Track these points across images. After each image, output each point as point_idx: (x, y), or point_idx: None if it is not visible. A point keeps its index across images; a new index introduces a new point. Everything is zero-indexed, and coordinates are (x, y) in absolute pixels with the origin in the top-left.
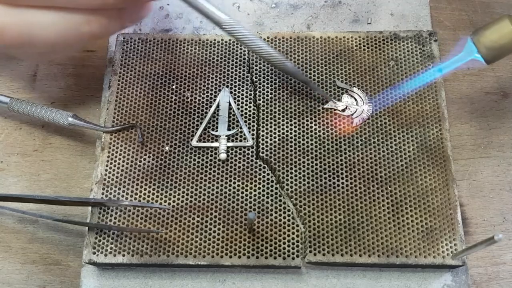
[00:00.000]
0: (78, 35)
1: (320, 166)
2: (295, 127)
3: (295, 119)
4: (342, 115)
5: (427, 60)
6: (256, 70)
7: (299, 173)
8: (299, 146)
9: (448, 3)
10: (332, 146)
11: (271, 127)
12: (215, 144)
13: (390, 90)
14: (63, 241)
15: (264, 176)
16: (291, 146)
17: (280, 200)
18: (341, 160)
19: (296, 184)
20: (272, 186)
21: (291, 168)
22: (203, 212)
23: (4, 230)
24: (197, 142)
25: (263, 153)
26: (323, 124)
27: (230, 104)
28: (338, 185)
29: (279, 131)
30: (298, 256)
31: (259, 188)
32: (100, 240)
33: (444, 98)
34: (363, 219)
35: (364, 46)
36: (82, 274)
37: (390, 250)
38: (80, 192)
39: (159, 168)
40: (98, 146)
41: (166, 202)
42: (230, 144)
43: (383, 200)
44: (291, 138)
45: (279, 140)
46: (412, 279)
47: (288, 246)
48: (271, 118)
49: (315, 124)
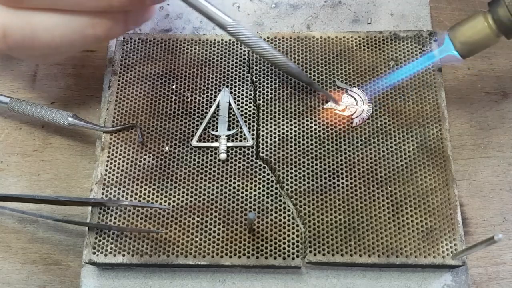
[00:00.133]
0: (83, 37)
1: (320, 166)
2: (295, 127)
3: (295, 119)
4: (342, 115)
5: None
6: (256, 70)
7: (299, 173)
8: (299, 146)
9: (448, 3)
10: (332, 146)
11: (271, 127)
12: (215, 144)
13: (377, 80)
14: (63, 241)
15: (264, 176)
16: (291, 146)
17: (280, 200)
18: (341, 160)
19: (296, 184)
20: (272, 186)
21: (291, 168)
22: (203, 212)
23: (4, 230)
24: (197, 142)
25: (263, 153)
26: (323, 124)
27: (230, 104)
28: (338, 185)
29: (279, 131)
30: (298, 256)
31: (259, 188)
32: (100, 240)
33: (444, 98)
34: (363, 219)
35: (364, 46)
36: (82, 274)
37: (390, 250)
38: (80, 192)
39: (159, 168)
40: (98, 146)
41: (166, 202)
42: (230, 144)
43: (383, 200)
44: (291, 138)
45: (279, 140)
46: (412, 279)
47: (288, 246)
48: (271, 118)
49: (315, 124)
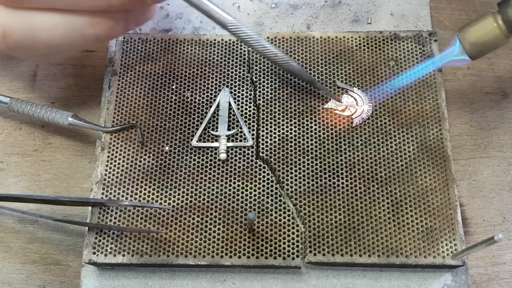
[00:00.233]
0: (83, 37)
1: (320, 166)
2: (295, 127)
3: (295, 119)
4: (342, 115)
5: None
6: (256, 70)
7: (299, 173)
8: (299, 146)
9: (448, 3)
10: (332, 146)
11: (271, 127)
12: (215, 144)
13: (383, 85)
14: (63, 241)
15: (264, 176)
16: (291, 146)
17: (280, 200)
18: (341, 160)
19: (296, 184)
20: (272, 186)
21: (291, 168)
22: (203, 212)
23: (4, 230)
24: (197, 142)
25: (263, 153)
26: (323, 124)
27: (230, 104)
28: (338, 185)
29: (279, 131)
30: (298, 256)
31: (259, 188)
32: (100, 240)
33: (444, 98)
34: (363, 219)
35: (364, 46)
36: (82, 274)
37: (390, 250)
38: (80, 192)
39: (159, 168)
40: (98, 146)
41: (166, 202)
42: (230, 144)
43: (383, 200)
44: (291, 138)
45: (279, 140)
46: (412, 279)
47: (288, 246)
48: (271, 118)
49: (315, 124)
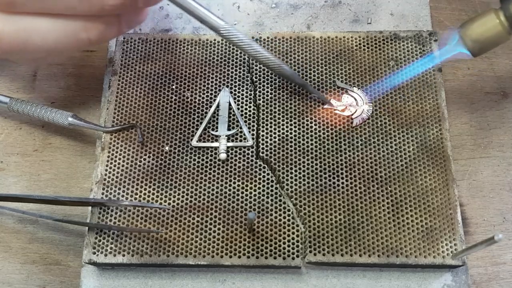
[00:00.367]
0: (76, 41)
1: (320, 166)
2: (295, 127)
3: (295, 119)
4: (342, 115)
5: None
6: (256, 70)
7: (299, 173)
8: (299, 146)
9: (448, 3)
10: (332, 146)
11: (271, 127)
12: (215, 144)
13: (382, 82)
14: (63, 241)
15: (264, 176)
16: (291, 146)
17: (280, 200)
18: (341, 160)
19: (296, 184)
20: (272, 186)
21: (291, 168)
22: (203, 212)
23: (4, 230)
24: (197, 142)
25: (263, 153)
26: (323, 124)
27: (230, 104)
28: (338, 185)
29: (279, 131)
30: (298, 256)
31: (259, 188)
32: (100, 240)
33: (444, 98)
34: (363, 219)
35: (364, 46)
36: (82, 274)
37: (390, 250)
38: (80, 192)
39: (159, 168)
40: (98, 146)
41: (166, 202)
42: (230, 144)
43: (383, 200)
44: (291, 138)
45: (279, 140)
46: (412, 279)
47: (288, 246)
48: (271, 118)
49: (315, 124)
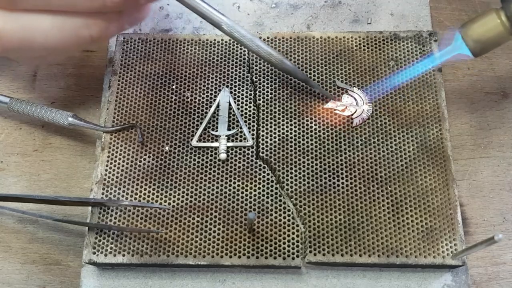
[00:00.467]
0: (78, 38)
1: (320, 166)
2: (295, 127)
3: (295, 119)
4: (342, 115)
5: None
6: (256, 70)
7: (299, 173)
8: (299, 146)
9: (448, 3)
10: (332, 146)
11: (271, 127)
12: (215, 144)
13: (381, 83)
14: (63, 241)
15: (264, 176)
16: (291, 146)
17: (280, 200)
18: (341, 160)
19: (296, 184)
20: (272, 186)
21: (291, 168)
22: (203, 212)
23: (4, 230)
24: (197, 142)
25: (263, 153)
26: (323, 124)
27: (230, 104)
28: (338, 185)
29: (279, 131)
30: (298, 256)
31: (259, 188)
32: (100, 240)
33: (444, 98)
34: (363, 219)
35: (364, 46)
36: (82, 274)
37: (390, 250)
38: (80, 192)
39: (159, 168)
40: (98, 146)
41: (166, 202)
42: (230, 144)
43: (383, 200)
44: (291, 138)
45: (279, 140)
46: (412, 279)
47: (288, 246)
48: (271, 118)
49: (315, 124)
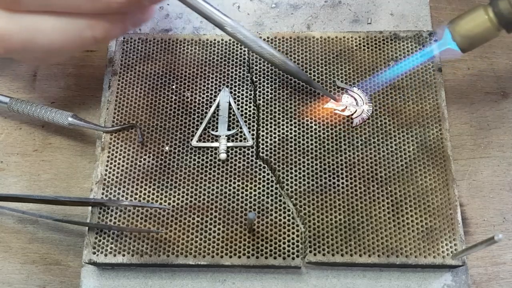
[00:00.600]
0: (81, 40)
1: (320, 166)
2: (295, 127)
3: (295, 119)
4: (342, 115)
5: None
6: (256, 70)
7: (299, 173)
8: (299, 146)
9: (448, 3)
10: (332, 146)
11: (271, 127)
12: (215, 144)
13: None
14: (63, 241)
15: (264, 176)
16: (291, 146)
17: (280, 200)
18: (341, 160)
19: (296, 184)
20: (272, 186)
21: (291, 168)
22: (203, 212)
23: (4, 230)
24: (197, 142)
25: (263, 153)
26: (323, 124)
27: (230, 104)
28: (338, 185)
29: (279, 131)
30: (298, 256)
31: (259, 188)
32: (100, 240)
33: (444, 98)
34: (363, 219)
35: (364, 46)
36: (82, 274)
37: (390, 250)
38: (80, 192)
39: (159, 168)
40: (98, 146)
41: (166, 202)
42: (230, 144)
43: (383, 200)
44: (291, 138)
45: (279, 140)
46: (412, 279)
47: (288, 246)
48: (271, 118)
49: (315, 124)
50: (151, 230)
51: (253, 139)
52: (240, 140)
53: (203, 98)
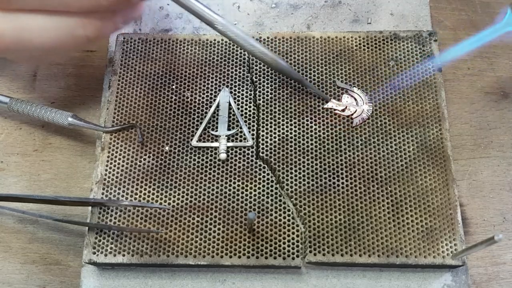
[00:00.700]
0: (73, 38)
1: (320, 166)
2: (295, 127)
3: (295, 119)
4: (342, 115)
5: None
6: (256, 70)
7: (299, 173)
8: (299, 146)
9: (448, 3)
10: (332, 146)
11: (271, 127)
12: (215, 144)
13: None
14: (63, 241)
15: (264, 176)
16: (291, 146)
17: (280, 200)
18: (341, 160)
19: (296, 184)
20: (272, 186)
21: (291, 168)
22: (203, 212)
23: (4, 230)
24: (197, 142)
25: (263, 153)
26: (323, 124)
27: (230, 104)
28: (338, 185)
29: (279, 131)
30: (298, 256)
31: (259, 188)
32: (100, 240)
33: (444, 98)
34: (363, 219)
35: (364, 46)
36: (82, 274)
37: (390, 250)
38: (80, 192)
39: (159, 168)
40: (98, 146)
41: (166, 202)
42: (230, 144)
43: (383, 200)
44: (291, 138)
45: (279, 140)
46: (412, 279)
47: (288, 246)
48: (271, 118)
49: (315, 124)
50: (151, 230)
51: (253, 139)
52: (240, 140)
53: (203, 98)
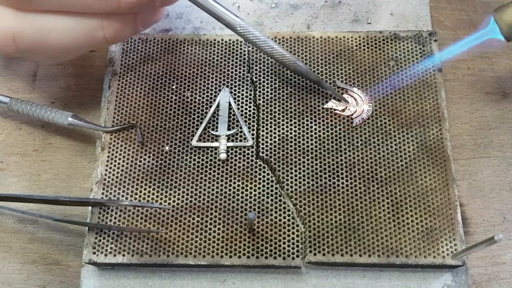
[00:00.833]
0: (92, 39)
1: (320, 166)
2: (295, 127)
3: (295, 119)
4: (342, 115)
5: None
6: (256, 70)
7: (299, 173)
8: (299, 146)
9: (448, 3)
10: (332, 146)
11: (271, 127)
12: (215, 144)
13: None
14: (63, 241)
15: (264, 176)
16: (291, 146)
17: (280, 200)
18: (341, 160)
19: (296, 184)
20: (272, 186)
21: (291, 168)
22: (203, 212)
23: (4, 230)
24: (197, 142)
25: (263, 153)
26: (323, 124)
27: (230, 104)
28: (338, 185)
29: (279, 131)
30: (298, 256)
31: (259, 188)
32: (100, 240)
33: (444, 98)
34: (363, 219)
35: (364, 46)
36: (82, 274)
37: (390, 250)
38: (80, 192)
39: (159, 168)
40: (98, 146)
41: (166, 202)
42: (230, 144)
43: (383, 200)
44: (291, 138)
45: (279, 140)
46: (412, 279)
47: (288, 246)
48: (271, 118)
49: (315, 124)
50: (151, 230)
51: (253, 139)
52: (240, 140)
53: (203, 98)
